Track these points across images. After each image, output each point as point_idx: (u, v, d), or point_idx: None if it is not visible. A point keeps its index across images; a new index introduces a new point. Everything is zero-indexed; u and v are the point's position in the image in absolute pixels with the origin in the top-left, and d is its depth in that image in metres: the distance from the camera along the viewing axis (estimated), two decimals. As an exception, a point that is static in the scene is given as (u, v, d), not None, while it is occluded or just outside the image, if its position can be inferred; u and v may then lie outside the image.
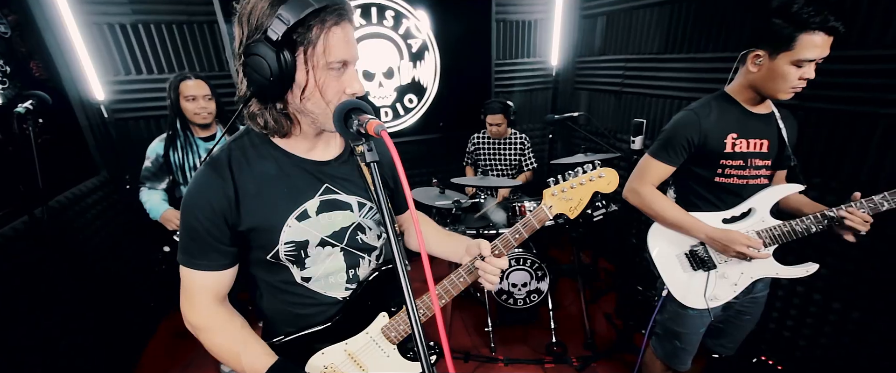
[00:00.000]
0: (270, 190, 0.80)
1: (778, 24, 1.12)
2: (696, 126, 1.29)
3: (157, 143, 1.92)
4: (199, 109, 1.86)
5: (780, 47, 1.14)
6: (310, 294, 0.90)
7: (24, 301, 1.56)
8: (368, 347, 0.95)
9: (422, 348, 0.54)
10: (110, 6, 2.27)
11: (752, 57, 1.21)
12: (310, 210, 0.83)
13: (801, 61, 1.13)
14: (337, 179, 0.87)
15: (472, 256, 0.91)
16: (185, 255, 0.79)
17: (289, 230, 0.82)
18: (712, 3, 2.12)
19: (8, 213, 1.60)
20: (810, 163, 1.73)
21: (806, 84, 1.17)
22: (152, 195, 1.92)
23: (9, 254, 1.54)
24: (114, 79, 2.38)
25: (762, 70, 1.20)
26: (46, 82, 2.06)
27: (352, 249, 0.91)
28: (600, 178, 0.92)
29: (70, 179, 2.10)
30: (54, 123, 2.04)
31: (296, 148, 0.83)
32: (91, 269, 2.05)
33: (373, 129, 0.60)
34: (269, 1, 0.67)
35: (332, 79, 0.72)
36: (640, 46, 2.67)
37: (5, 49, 1.82)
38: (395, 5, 2.72)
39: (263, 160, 0.80)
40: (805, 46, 1.11)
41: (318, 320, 0.91)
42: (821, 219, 1.25)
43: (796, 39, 1.11)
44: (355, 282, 0.93)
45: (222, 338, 0.83)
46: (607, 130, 3.01)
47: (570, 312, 2.65)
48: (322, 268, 0.88)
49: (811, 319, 1.85)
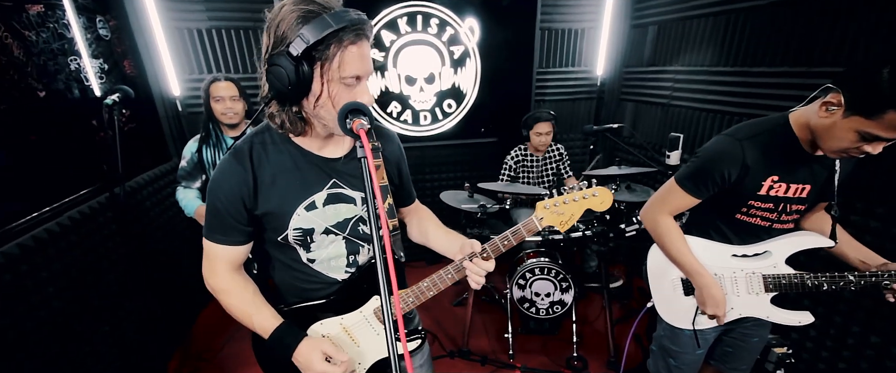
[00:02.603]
0: (284, 181, 0.90)
1: (881, 80, 0.87)
2: (739, 160, 1.11)
3: (192, 143, 2.03)
4: (226, 109, 1.96)
5: (860, 109, 0.92)
6: (314, 273, 1.01)
7: (99, 268, 1.83)
8: (361, 324, 1.05)
9: (389, 329, 0.61)
10: (190, 13, 2.58)
11: (828, 100, 0.99)
12: (317, 201, 0.93)
13: (872, 136, 0.92)
14: (344, 175, 0.96)
15: (463, 254, 0.98)
16: (208, 230, 0.92)
17: (297, 218, 0.92)
18: (770, 15, 1.99)
19: (94, 189, 1.89)
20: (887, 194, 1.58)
21: (864, 156, 0.99)
22: (187, 193, 2.04)
23: (92, 225, 1.81)
24: (189, 77, 2.69)
25: (829, 120, 0.99)
26: (134, 79, 2.40)
27: (353, 239, 1.00)
28: (594, 196, 0.95)
29: (147, 164, 2.42)
30: (138, 114, 2.36)
31: (310, 145, 0.92)
32: (157, 244, 2.34)
33: (355, 127, 0.70)
34: (296, 16, 0.74)
35: (345, 91, 0.80)
36: (691, 58, 2.55)
37: (105, 50, 2.16)
38: (440, 14, 2.82)
39: (280, 154, 0.90)
40: (887, 125, 0.89)
41: (320, 295, 1.03)
42: (868, 276, 1.10)
43: (884, 113, 0.88)
44: (354, 267, 1.03)
45: (238, 300, 0.96)
46: (650, 143, 2.89)
47: (596, 327, 2.58)
48: (325, 252, 0.99)
49: (831, 341, 1.73)
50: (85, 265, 1.73)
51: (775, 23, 1.97)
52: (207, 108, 1.99)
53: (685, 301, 1.35)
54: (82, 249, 1.73)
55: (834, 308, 1.74)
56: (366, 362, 1.08)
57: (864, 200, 1.63)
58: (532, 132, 2.66)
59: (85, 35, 2.00)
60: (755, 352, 1.45)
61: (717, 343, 1.46)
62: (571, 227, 2.31)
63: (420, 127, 3.09)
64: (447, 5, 2.81)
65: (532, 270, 2.27)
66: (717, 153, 1.15)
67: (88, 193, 1.85)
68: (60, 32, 1.83)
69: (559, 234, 2.28)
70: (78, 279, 1.68)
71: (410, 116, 3.05)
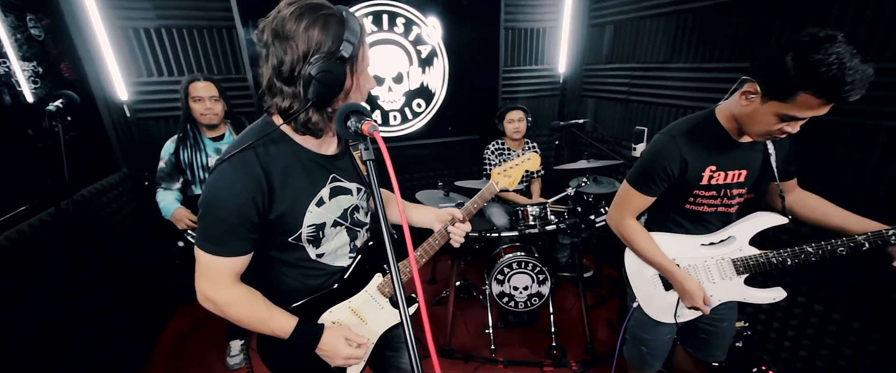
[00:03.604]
0: (294, 181, 0.91)
1: (787, 67, 0.94)
2: (677, 155, 1.19)
3: (169, 143, 2.00)
4: (205, 110, 1.94)
5: (775, 94, 1.00)
6: (321, 267, 1.05)
7: (46, 289, 1.66)
8: (367, 302, 1.13)
9: (400, 293, 0.64)
10: (136, 11, 2.39)
11: (746, 90, 1.08)
12: (324, 196, 0.97)
13: (789, 117, 1.01)
14: (340, 169, 1.02)
15: (442, 223, 1.17)
16: (209, 243, 0.86)
17: (310, 215, 0.94)
18: (717, 15, 2.15)
19: (36, 204, 1.71)
20: (813, 173, 1.75)
21: (785, 136, 1.09)
22: (166, 195, 2.01)
23: (36, 243, 1.63)
24: (137, 80, 2.50)
25: (750, 107, 1.08)
26: (74, 83, 2.18)
27: (352, 226, 1.08)
28: (528, 160, 1.22)
29: (93, 175, 2.21)
30: (80, 121, 2.15)
31: (309, 144, 0.95)
32: (109, 261, 2.15)
33: (367, 129, 0.71)
34: (321, 24, 0.79)
35: (364, 79, 0.90)
36: (646, 55, 2.70)
37: (39, 51, 1.95)
38: (406, 13, 2.80)
39: (285, 156, 0.91)
40: (800, 105, 0.96)
41: (327, 285, 1.07)
42: (873, 239, 1.13)
43: (796, 95, 0.95)
44: (355, 251, 1.11)
45: (249, 309, 0.93)
46: (613, 137, 3.03)
47: (572, 316, 2.67)
48: (333, 244, 1.04)
49: (812, 329, 1.85)
50: (33, 289, 1.57)
51: (720, 21, 2.13)
52: (185, 108, 1.95)
53: (666, 296, 1.40)
54: (28, 272, 1.56)
55: (814, 297, 1.83)
56: (374, 337, 1.16)
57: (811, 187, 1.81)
58: (505, 122, 2.78)
59: (13, 35, 1.79)
60: (728, 337, 1.50)
61: (693, 331, 1.50)
62: (547, 220, 2.38)
63: (390, 127, 3.06)
64: (412, 5, 2.80)
65: (510, 264, 2.31)
66: (657, 152, 1.23)
67: (29, 209, 1.67)
68: (-15, 32, 1.63)
69: (534, 228, 2.34)
70: (26, 303, 1.52)
71: (380, 116, 3.01)
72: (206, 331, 2.60)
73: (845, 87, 0.90)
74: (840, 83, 0.89)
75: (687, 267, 1.34)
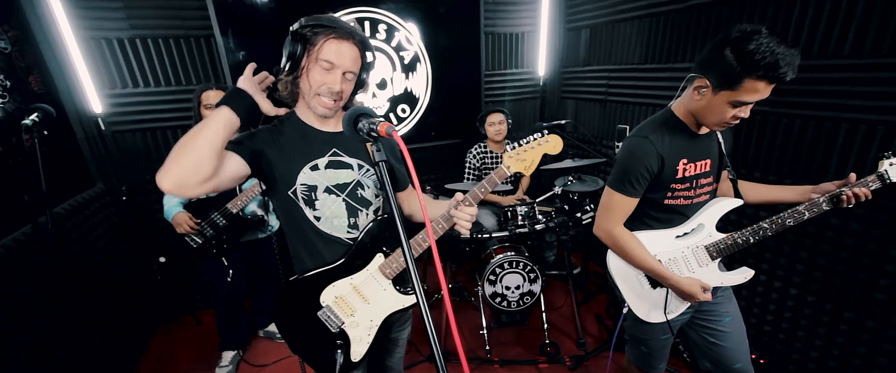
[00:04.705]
0: (293, 145, 1.11)
1: (728, 60, 1.08)
2: (654, 153, 1.25)
3: None
4: None
5: (724, 85, 1.11)
6: (319, 232, 1.15)
7: (25, 308, 1.58)
8: (368, 281, 1.19)
9: (416, 280, 0.69)
10: (108, 21, 2.31)
11: (697, 86, 1.18)
12: (320, 165, 1.12)
13: (740, 103, 1.12)
14: (342, 144, 1.15)
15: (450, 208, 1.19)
16: (232, 144, 1.02)
17: (303, 175, 1.10)
18: (687, 17, 2.26)
19: (12, 222, 1.62)
20: (783, 165, 1.86)
21: (738, 121, 1.19)
22: (171, 199, 2.04)
23: (11, 263, 1.55)
24: (111, 92, 2.41)
25: (703, 101, 1.18)
26: (44, 96, 2.09)
27: (351, 201, 1.16)
28: (547, 142, 1.13)
29: (67, 192, 2.12)
30: (51, 136, 2.05)
31: (311, 122, 1.14)
32: (88, 280, 2.06)
33: (384, 130, 0.73)
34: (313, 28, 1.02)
35: (319, 72, 1.02)
36: (622, 57, 2.81)
37: (5, 64, 1.86)
38: (388, 19, 2.82)
39: (291, 127, 1.12)
40: (747, 91, 1.09)
41: (329, 259, 1.16)
42: (818, 202, 1.25)
43: (741, 82, 1.08)
44: (355, 229, 1.17)
45: (186, 138, 0.91)
46: (594, 136, 3.12)
47: (563, 312, 2.72)
48: (328, 211, 1.14)
49: (805, 320, 1.90)
50: (10, 307, 1.51)
51: (690, 23, 2.25)
52: (197, 115, 2.01)
53: (654, 294, 1.43)
54: (4, 291, 1.49)
55: (807, 288, 1.92)
56: (377, 319, 1.21)
57: (760, 170, 1.95)
58: (487, 125, 2.82)
59: (-21, 47, 1.71)
60: (738, 332, 1.45)
61: (699, 340, 1.49)
62: (536, 220, 2.43)
63: (374, 134, 3.05)
64: (394, 11, 2.82)
65: (501, 264, 2.34)
66: (635, 152, 1.28)
67: (4, 227, 1.59)
68: (-51, 44, 1.55)
69: (524, 228, 2.38)
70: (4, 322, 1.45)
71: (364, 123, 3.00)
72: (191, 349, 2.52)
73: (781, 68, 1.03)
74: (776, 66, 1.02)
75: (668, 261, 1.38)
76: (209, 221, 2.02)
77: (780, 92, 1.34)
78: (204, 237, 2.03)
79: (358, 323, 1.20)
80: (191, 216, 1.97)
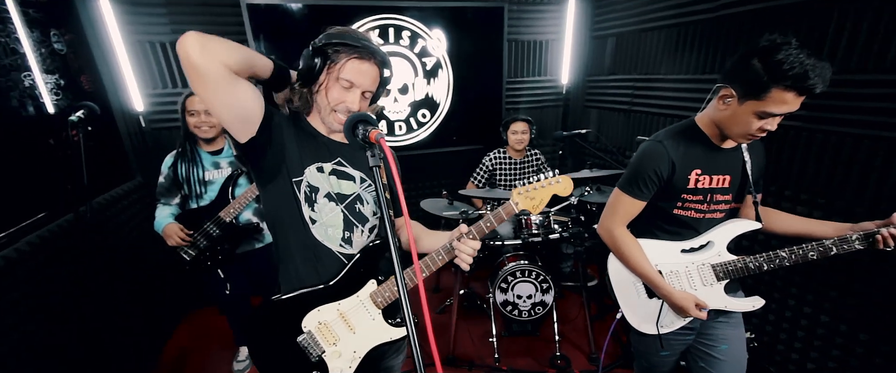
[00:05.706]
0: (303, 143, 1.09)
1: (756, 69, 1.05)
2: (665, 157, 1.23)
3: (169, 158, 1.98)
4: (200, 122, 1.91)
5: (750, 94, 1.08)
6: (311, 237, 1.08)
7: (63, 290, 1.71)
8: (357, 309, 1.11)
9: (407, 313, 0.67)
10: (152, 25, 2.49)
11: (722, 95, 1.16)
12: (325, 169, 1.10)
13: (767, 114, 1.08)
14: (347, 155, 1.13)
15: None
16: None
17: (309, 172, 1.08)
18: (717, 28, 2.19)
19: (55, 211, 1.77)
20: (816, 183, 1.76)
21: (765, 134, 1.14)
22: (163, 210, 1.96)
23: (55, 248, 1.69)
24: (152, 92, 2.58)
25: (728, 110, 1.15)
26: (93, 94, 2.27)
27: (349, 214, 1.12)
28: (558, 183, 1.10)
29: (109, 183, 2.29)
30: (97, 131, 2.23)
31: (321, 129, 1.12)
32: (121, 267, 2.21)
33: (373, 137, 0.77)
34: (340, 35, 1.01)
35: (338, 90, 1.01)
36: (648, 67, 2.74)
37: (61, 64, 2.04)
38: (412, 26, 2.88)
39: (302, 128, 1.11)
40: (774, 101, 1.05)
41: (318, 269, 1.10)
42: (842, 241, 1.17)
43: (769, 92, 1.05)
44: (349, 244, 1.12)
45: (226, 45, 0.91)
46: (617, 147, 3.06)
47: (576, 325, 2.67)
48: (325, 217, 1.09)
49: (819, 341, 1.84)
50: (50, 291, 1.63)
51: (720, 33, 2.17)
52: (184, 122, 1.93)
53: (649, 304, 1.40)
54: (46, 275, 1.62)
55: (788, 293, 1.91)
56: (361, 350, 1.12)
57: (792, 188, 1.85)
58: (509, 131, 2.82)
59: (38, 50, 1.88)
60: (735, 362, 1.38)
61: (694, 370, 1.44)
62: (551, 229, 2.40)
63: (395, 137, 3.12)
64: (418, 18, 2.88)
65: (513, 273, 2.33)
66: (646, 155, 1.27)
67: (49, 214, 1.74)
68: (12, 47, 1.72)
69: (538, 237, 2.36)
70: (43, 306, 1.58)
71: (385, 126, 3.07)
72: (212, 339, 2.64)
73: (810, 80, 1.00)
74: (805, 77, 1.00)
75: (669, 273, 1.34)
76: (202, 231, 1.92)
77: (813, 107, 1.28)
78: (197, 249, 1.93)
79: (340, 353, 1.10)
80: (182, 227, 1.87)
